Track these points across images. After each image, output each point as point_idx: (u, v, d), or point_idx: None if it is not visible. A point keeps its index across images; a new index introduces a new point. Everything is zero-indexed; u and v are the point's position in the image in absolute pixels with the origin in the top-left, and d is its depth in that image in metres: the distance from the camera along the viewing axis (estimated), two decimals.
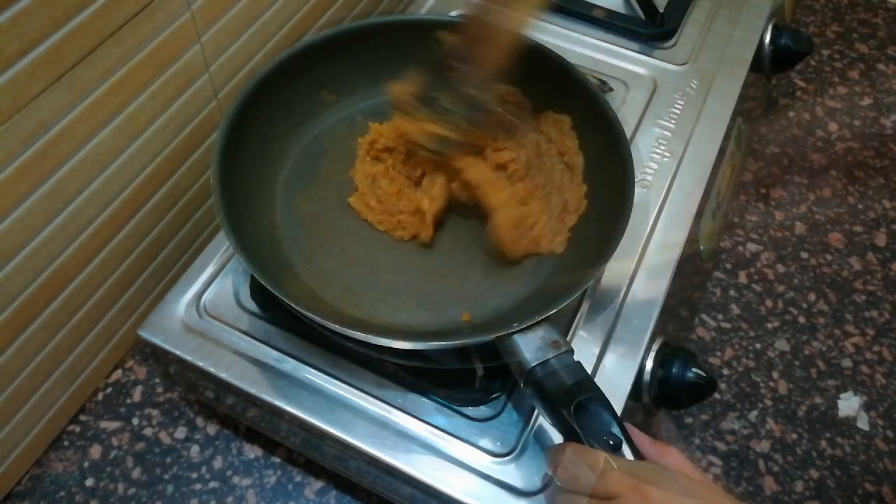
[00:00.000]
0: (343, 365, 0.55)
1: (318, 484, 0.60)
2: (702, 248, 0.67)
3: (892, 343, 0.72)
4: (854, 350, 0.71)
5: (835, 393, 0.69)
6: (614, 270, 0.59)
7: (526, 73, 0.63)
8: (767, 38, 0.78)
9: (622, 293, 0.58)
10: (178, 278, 0.58)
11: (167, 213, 0.64)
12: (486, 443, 0.51)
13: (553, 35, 0.76)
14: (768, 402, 0.68)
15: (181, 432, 0.63)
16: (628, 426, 0.44)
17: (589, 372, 0.47)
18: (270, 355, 0.55)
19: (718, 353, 0.71)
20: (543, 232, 0.56)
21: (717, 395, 0.68)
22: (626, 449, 0.42)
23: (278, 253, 0.57)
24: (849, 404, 0.68)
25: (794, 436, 0.66)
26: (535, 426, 0.52)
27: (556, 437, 0.51)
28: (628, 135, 0.60)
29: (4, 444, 0.57)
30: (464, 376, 0.53)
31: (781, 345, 0.71)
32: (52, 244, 0.53)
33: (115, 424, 0.63)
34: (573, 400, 0.43)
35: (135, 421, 0.63)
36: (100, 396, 0.65)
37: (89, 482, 0.60)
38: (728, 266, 0.77)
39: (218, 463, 0.61)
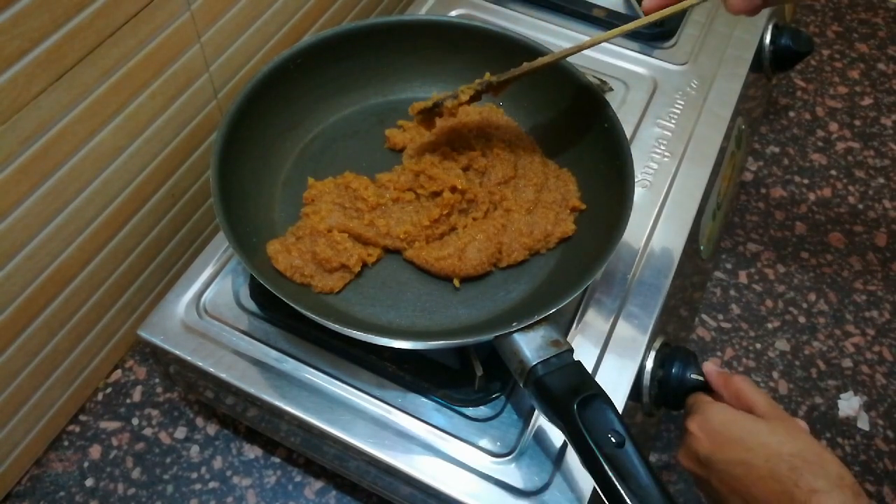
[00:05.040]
0: (343, 365, 0.55)
1: (318, 484, 0.60)
2: (702, 248, 0.67)
3: (892, 343, 0.72)
4: (854, 350, 0.71)
5: (835, 393, 0.69)
6: (614, 270, 0.59)
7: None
8: (767, 38, 0.78)
9: (622, 293, 0.58)
10: (178, 278, 0.58)
11: (167, 213, 0.64)
12: (485, 443, 0.51)
13: (553, 35, 0.76)
14: None
15: (181, 432, 0.63)
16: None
17: (589, 372, 0.47)
18: (270, 355, 0.55)
19: (718, 353, 0.71)
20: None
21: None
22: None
23: None
24: (849, 404, 0.68)
25: None
26: (535, 426, 0.52)
27: (556, 437, 0.51)
28: (628, 135, 0.60)
29: (4, 444, 0.57)
30: (464, 376, 0.53)
31: (781, 345, 0.71)
32: (52, 244, 0.53)
33: (114, 424, 0.63)
34: (577, 397, 0.43)
35: (135, 421, 0.63)
36: (100, 396, 0.65)
37: (89, 482, 0.60)
38: (728, 266, 0.77)
39: (218, 463, 0.61)
